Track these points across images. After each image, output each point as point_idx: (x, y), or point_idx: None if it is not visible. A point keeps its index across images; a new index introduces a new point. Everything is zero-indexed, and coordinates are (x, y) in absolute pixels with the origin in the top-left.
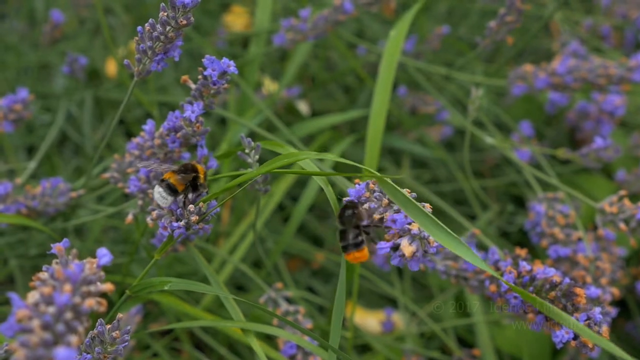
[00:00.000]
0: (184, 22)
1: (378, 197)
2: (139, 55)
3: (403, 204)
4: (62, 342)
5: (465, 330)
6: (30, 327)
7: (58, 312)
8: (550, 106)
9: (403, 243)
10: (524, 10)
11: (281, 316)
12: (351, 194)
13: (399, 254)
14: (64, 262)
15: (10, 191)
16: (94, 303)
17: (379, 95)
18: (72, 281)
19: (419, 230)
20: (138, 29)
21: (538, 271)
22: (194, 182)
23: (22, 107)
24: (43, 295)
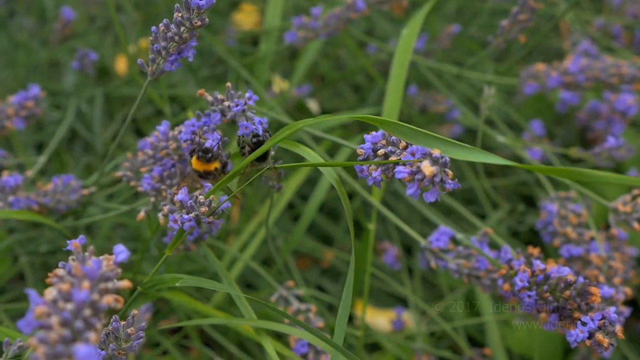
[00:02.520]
0: (198, 23)
1: (395, 141)
2: (152, 55)
3: (421, 140)
4: (81, 339)
5: (475, 329)
6: (49, 323)
7: (76, 309)
8: (561, 105)
9: (424, 164)
10: (536, 9)
11: (292, 316)
12: (367, 140)
13: (418, 177)
14: (80, 258)
15: (20, 183)
16: (111, 300)
17: (391, 95)
18: (90, 278)
19: (440, 155)
20: (152, 29)
21: (552, 270)
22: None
23: (34, 103)
24: (61, 291)
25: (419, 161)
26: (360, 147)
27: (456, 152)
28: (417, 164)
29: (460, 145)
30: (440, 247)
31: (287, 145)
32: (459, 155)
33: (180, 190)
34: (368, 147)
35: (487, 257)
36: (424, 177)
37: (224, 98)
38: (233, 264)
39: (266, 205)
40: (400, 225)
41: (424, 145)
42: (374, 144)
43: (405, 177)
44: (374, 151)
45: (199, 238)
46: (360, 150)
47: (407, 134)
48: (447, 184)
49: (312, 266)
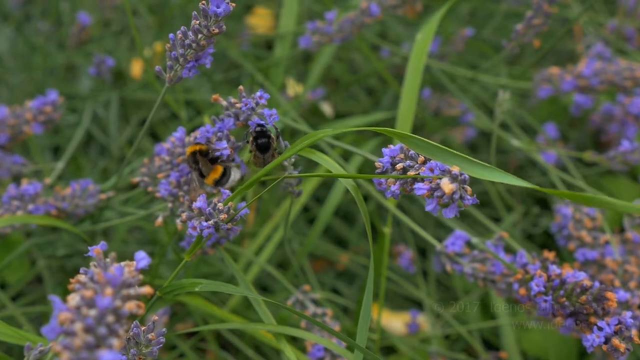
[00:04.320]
0: (215, 31)
1: (413, 155)
2: (170, 63)
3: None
4: (104, 345)
5: (490, 332)
6: (73, 330)
7: (100, 315)
8: (575, 108)
9: (443, 181)
10: (551, 13)
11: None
12: (385, 154)
13: (437, 194)
14: (102, 265)
15: (40, 191)
16: (133, 306)
17: (406, 98)
18: (112, 285)
19: (459, 172)
20: (170, 37)
21: (568, 275)
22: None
23: (52, 108)
24: (84, 298)
25: (439, 178)
26: (379, 160)
27: (475, 170)
28: (436, 181)
29: (479, 164)
30: (455, 251)
31: (305, 153)
32: (477, 173)
33: (199, 198)
34: (386, 161)
35: (502, 261)
36: (443, 194)
37: (237, 101)
38: (249, 267)
39: (281, 208)
40: (415, 228)
41: (443, 161)
42: (392, 157)
43: (425, 194)
44: (392, 165)
45: (216, 243)
46: (378, 164)
47: (426, 148)
48: (466, 200)
49: (327, 269)
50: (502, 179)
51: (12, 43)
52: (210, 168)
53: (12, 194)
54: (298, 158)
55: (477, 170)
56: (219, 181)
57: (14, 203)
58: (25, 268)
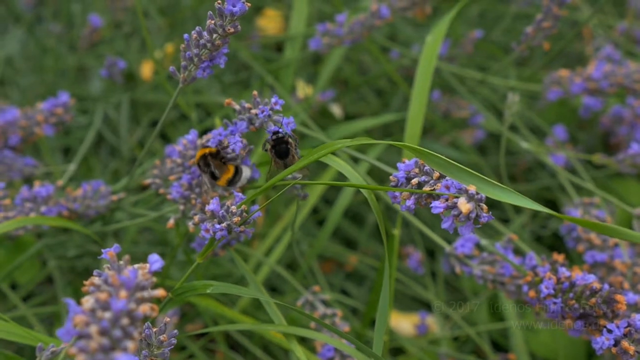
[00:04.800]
0: (231, 30)
1: (429, 170)
2: (184, 63)
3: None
4: (120, 348)
5: (499, 334)
6: (88, 332)
7: (114, 318)
8: (584, 111)
9: (460, 201)
10: (560, 16)
11: (319, 319)
12: (400, 169)
13: (454, 213)
14: (116, 267)
15: (52, 193)
16: (147, 309)
17: (416, 101)
18: (127, 287)
19: (476, 191)
20: (185, 37)
21: (577, 277)
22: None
23: (63, 110)
24: (99, 300)
25: (455, 197)
26: (394, 175)
27: (491, 191)
28: (452, 199)
29: (495, 185)
30: (465, 253)
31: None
32: (493, 194)
33: (211, 200)
34: (401, 176)
35: (512, 263)
36: (460, 213)
37: (250, 106)
38: (258, 268)
39: (291, 209)
40: (424, 230)
41: (458, 179)
42: (407, 172)
43: (441, 212)
44: (407, 179)
45: (227, 244)
46: (393, 178)
47: (442, 165)
48: (482, 218)
49: (336, 270)
50: (519, 202)
51: (24, 45)
52: (223, 169)
53: (25, 196)
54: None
55: (494, 192)
56: (232, 180)
57: (27, 205)
58: (36, 269)
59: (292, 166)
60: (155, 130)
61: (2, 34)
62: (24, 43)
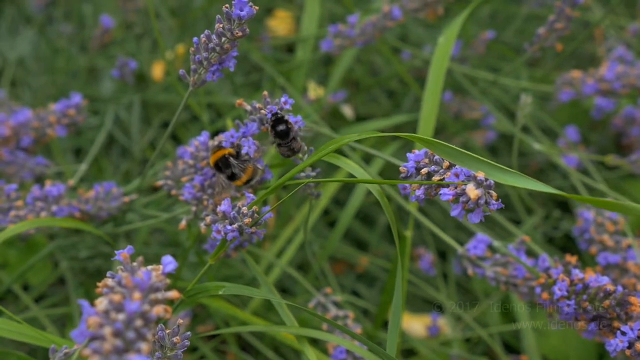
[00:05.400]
0: (239, 34)
1: (438, 160)
2: (194, 66)
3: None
4: (133, 350)
5: (511, 335)
6: (102, 334)
7: (128, 320)
8: (596, 112)
9: (469, 187)
10: (573, 17)
11: (332, 321)
12: (410, 159)
13: (463, 199)
14: (130, 269)
15: (63, 193)
16: (161, 310)
17: (428, 102)
18: (140, 289)
19: (485, 177)
20: (194, 40)
21: (590, 279)
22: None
23: (76, 111)
24: (113, 302)
25: (464, 184)
26: (404, 165)
27: (500, 176)
28: (461, 187)
29: (505, 170)
30: (477, 255)
31: (329, 158)
32: (503, 179)
33: (223, 201)
34: (411, 166)
35: (525, 265)
36: (468, 199)
37: (261, 107)
38: (270, 269)
39: (302, 211)
40: (436, 231)
41: (468, 167)
42: (416, 162)
43: (450, 199)
44: (417, 170)
45: (239, 246)
46: (403, 169)
47: (452, 154)
48: (491, 205)
49: (347, 271)
50: (527, 185)
51: (35, 46)
52: (243, 169)
53: (36, 195)
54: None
55: (502, 176)
56: (249, 181)
57: (38, 204)
58: (48, 270)
59: (302, 163)
60: (166, 131)
61: (13, 35)
62: (35, 44)
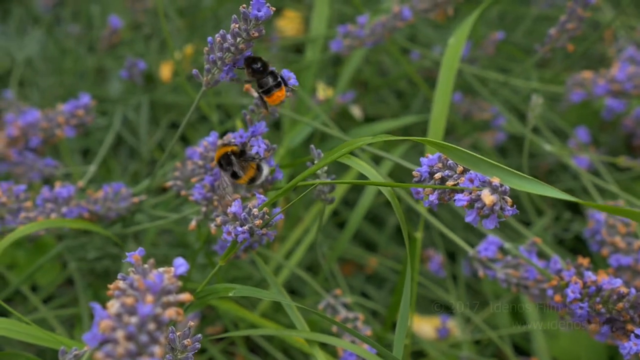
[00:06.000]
0: (255, 34)
1: (452, 165)
2: (208, 66)
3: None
4: (146, 353)
5: (521, 337)
6: (115, 337)
7: (141, 323)
8: (607, 112)
9: (484, 193)
10: (585, 18)
11: (341, 324)
12: (423, 163)
13: (478, 205)
14: (141, 271)
15: (72, 194)
16: (173, 313)
17: (439, 103)
18: (153, 291)
19: (500, 183)
20: (208, 40)
21: (603, 281)
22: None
23: (84, 112)
24: (125, 305)
25: (479, 189)
26: (417, 170)
27: (515, 182)
28: (476, 192)
29: (520, 175)
30: (488, 257)
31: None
32: (518, 185)
33: (233, 202)
34: (424, 170)
35: (536, 267)
36: (483, 205)
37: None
38: (278, 270)
39: (311, 212)
40: (446, 232)
41: (483, 173)
42: (430, 167)
43: (465, 205)
44: (430, 174)
45: (249, 247)
46: (416, 173)
47: (467, 159)
48: (506, 211)
49: (356, 272)
50: (544, 192)
51: (43, 46)
52: (246, 167)
53: (46, 197)
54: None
55: (518, 182)
56: (253, 179)
57: (48, 206)
58: (56, 271)
59: (315, 166)
60: (177, 133)
61: (21, 35)
62: (43, 44)
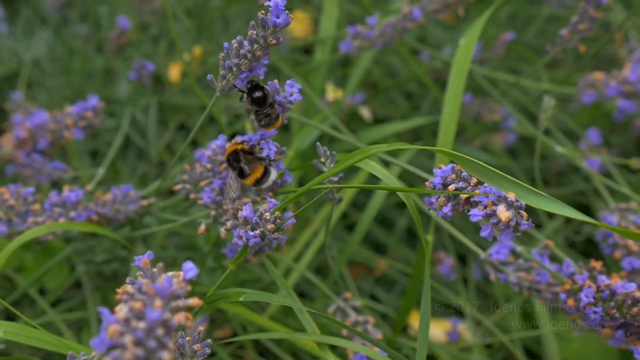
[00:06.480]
0: (273, 42)
1: (466, 177)
2: (223, 72)
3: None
4: (154, 358)
5: (532, 341)
6: (123, 342)
7: (149, 328)
8: (619, 114)
9: (499, 209)
10: (597, 18)
11: (352, 328)
12: (437, 174)
13: (493, 221)
14: (150, 275)
15: (81, 198)
16: (182, 318)
17: (449, 105)
18: (161, 296)
19: (515, 199)
20: (224, 45)
21: (617, 285)
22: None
23: (93, 114)
24: (133, 310)
25: (494, 204)
26: (430, 181)
27: (531, 199)
28: (491, 207)
29: (535, 192)
30: (500, 260)
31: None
32: (533, 202)
33: (244, 206)
34: (438, 182)
35: (549, 270)
36: (499, 221)
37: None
38: (288, 273)
39: (320, 214)
40: (457, 235)
41: (498, 187)
42: (443, 178)
43: (480, 220)
44: (444, 185)
45: (259, 250)
46: (429, 184)
47: (480, 172)
48: (522, 226)
49: (365, 275)
50: (561, 211)
51: (51, 47)
52: (253, 166)
53: (54, 201)
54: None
55: (534, 199)
56: (260, 180)
57: (56, 210)
58: (64, 274)
59: (327, 172)
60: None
61: (29, 36)
62: (51, 45)
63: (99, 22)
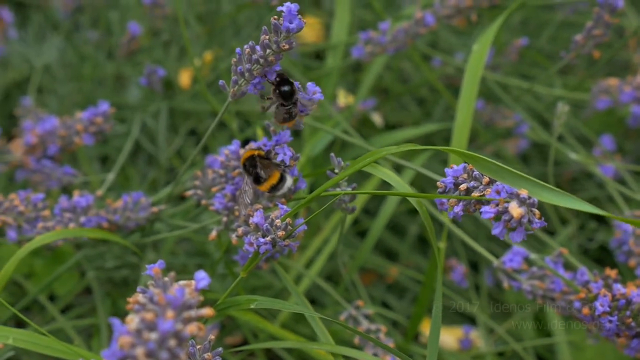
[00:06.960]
0: (286, 47)
1: (478, 176)
2: (235, 77)
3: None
4: None
5: (545, 348)
6: (134, 354)
7: (161, 339)
8: (633, 120)
9: (512, 205)
10: (612, 24)
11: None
12: (448, 174)
13: (505, 218)
14: (162, 285)
15: (91, 203)
16: (195, 328)
17: (462, 111)
18: (173, 306)
19: (528, 195)
20: (237, 51)
21: (633, 294)
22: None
23: (103, 120)
24: (145, 321)
25: (506, 201)
26: (441, 180)
27: (544, 195)
28: (503, 204)
29: (548, 188)
30: (513, 268)
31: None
32: (546, 198)
33: (255, 213)
34: (449, 182)
35: (563, 278)
36: (511, 218)
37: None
38: (299, 279)
39: (331, 221)
40: (469, 242)
41: (510, 184)
42: (455, 177)
43: (491, 217)
44: (455, 185)
45: (270, 257)
46: (440, 184)
47: (493, 170)
48: (534, 224)
49: (376, 282)
50: (576, 206)
51: (61, 53)
52: (270, 172)
53: (64, 206)
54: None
55: (547, 195)
56: (275, 187)
57: (66, 215)
58: (74, 280)
59: (338, 176)
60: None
61: (40, 41)
62: (61, 51)
63: (110, 27)
